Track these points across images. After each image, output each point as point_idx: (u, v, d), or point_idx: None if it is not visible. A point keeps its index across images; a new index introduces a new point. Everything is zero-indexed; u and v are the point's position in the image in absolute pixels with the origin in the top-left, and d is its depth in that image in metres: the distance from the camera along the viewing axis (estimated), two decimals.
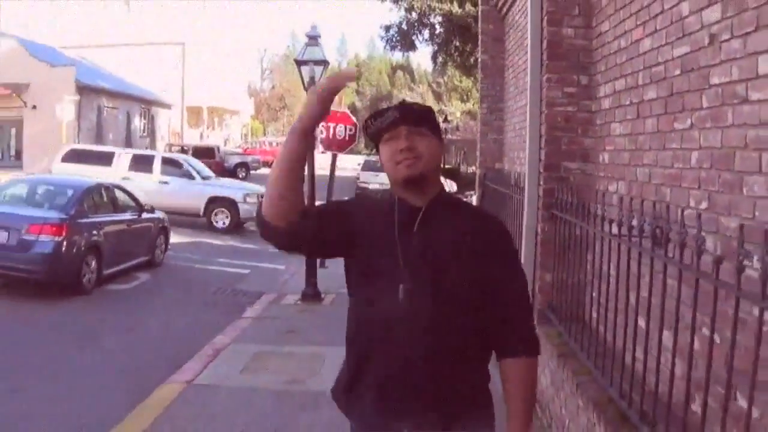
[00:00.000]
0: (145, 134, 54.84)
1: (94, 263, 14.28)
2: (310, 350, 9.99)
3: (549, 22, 7.43)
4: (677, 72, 5.01)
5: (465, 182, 38.72)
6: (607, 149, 6.76)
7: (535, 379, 3.15)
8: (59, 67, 42.86)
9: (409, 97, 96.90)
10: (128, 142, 49.80)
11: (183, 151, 46.39)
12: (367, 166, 45.75)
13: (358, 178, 44.02)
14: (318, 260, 14.53)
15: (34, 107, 41.97)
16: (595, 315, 5.85)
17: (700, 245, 3.52)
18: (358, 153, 61.44)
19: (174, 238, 19.26)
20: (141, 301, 13.98)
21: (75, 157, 27.08)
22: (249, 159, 54.51)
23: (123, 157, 27.09)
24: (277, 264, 19.05)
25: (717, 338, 3.55)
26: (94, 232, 14.55)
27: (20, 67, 41.46)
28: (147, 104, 55.50)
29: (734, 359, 3.27)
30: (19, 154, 44.10)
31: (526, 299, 3.17)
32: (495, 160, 14.13)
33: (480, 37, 15.04)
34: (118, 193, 16.90)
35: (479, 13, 15.28)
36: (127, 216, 16.45)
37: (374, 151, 3.14)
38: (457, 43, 33.48)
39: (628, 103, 6.15)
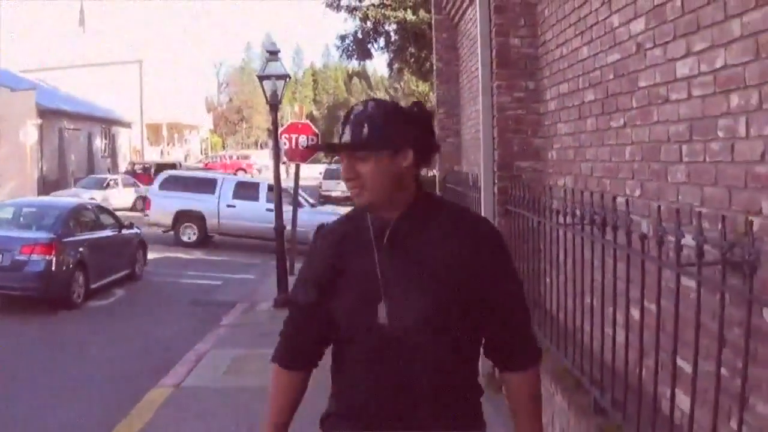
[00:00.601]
0: (106, 154, 54.77)
1: (81, 278, 15.13)
2: None
3: (497, 33, 8.00)
4: (611, 76, 5.61)
5: (424, 185, 39.32)
6: (555, 147, 7.36)
7: (540, 387, 2.95)
8: (19, 92, 42.61)
9: None
10: (90, 163, 49.88)
11: (145, 168, 46.63)
12: (329, 175, 46.33)
13: (320, 187, 44.51)
14: (288, 267, 15.07)
15: None
16: (549, 298, 6.42)
17: (629, 227, 4.11)
18: (319, 162, 61.84)
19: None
20: (123, 315, 14.44)
21: (173, 184, 26.39)
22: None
23: (226, 184, 26.39)
24: (247, 274, 19.56)
25: (652, 307, 4.11)
26: (80, 249, 15.32)
27: None
28: (107, 124, 55.42)
29: (662, 322, 3.86)
30: None
31: (523, 305, 2.91)
32: (454, 163, 14.65)
33: (434, 45, 15.57)
34: (99, 212, 17.88)
35: (433, 21, 15.84)
36: (108, 233, 17.32)
37: (335, 159, 3.35)
38: (413, 50, 33.78)
39: (570, 105, 6.75)
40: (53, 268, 14.20)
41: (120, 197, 38.03)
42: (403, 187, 2.76)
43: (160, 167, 46.97)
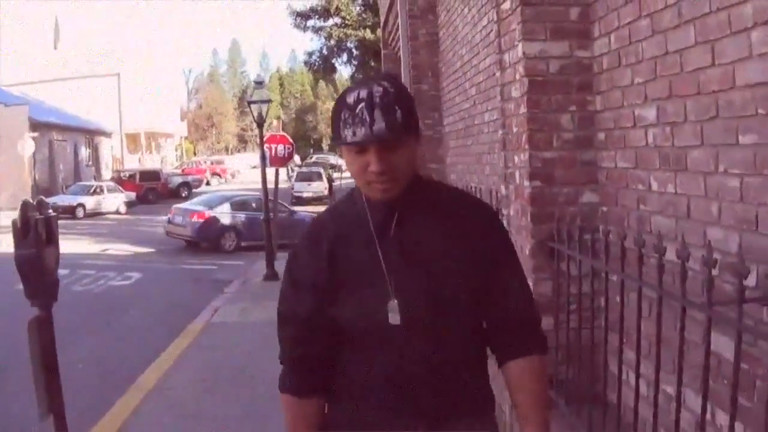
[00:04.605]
0: (90, 163, 58.38)
1: (234, 236, 26.74)
2: None
3: (413, 80, 12.26)
4: (467, 116, 9.87)
5: None
6: (449, 155, 11.63)
7: (546, 379, 2.71)
8: (12, 107, 45.90)
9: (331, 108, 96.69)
10: (77, 172, 53.36)
11: (130, 176, 50.34)
12: (300, 177, 50.29)
13: (292, 188, 48.41)
14: (274, 250, 19.18)
15: None
16: None
17: None
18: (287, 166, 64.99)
19: None
20: (139, 291, 18.49)
21: None
22: (190, 178, 58.48)
23: None
24: (237, 261, 23.59)
25: None
26: (229, 218, 26.96)
27: None
28: (90, 134, 59.16)
29: None
30: None
31: (527, 289, 2.70)
32: None
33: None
34: (254, 201, 27.73)
35: (382, 55, 19.92)
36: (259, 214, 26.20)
37: (305, 162, 5.22)
38: (372, 63, 37.74)
39: (453, 130, 11.02)
40: (206, 227, 26.22)
41: (110, 202, 42.31)
42: (414, 169, 2.53)
43: (143, 174, 50.90)
